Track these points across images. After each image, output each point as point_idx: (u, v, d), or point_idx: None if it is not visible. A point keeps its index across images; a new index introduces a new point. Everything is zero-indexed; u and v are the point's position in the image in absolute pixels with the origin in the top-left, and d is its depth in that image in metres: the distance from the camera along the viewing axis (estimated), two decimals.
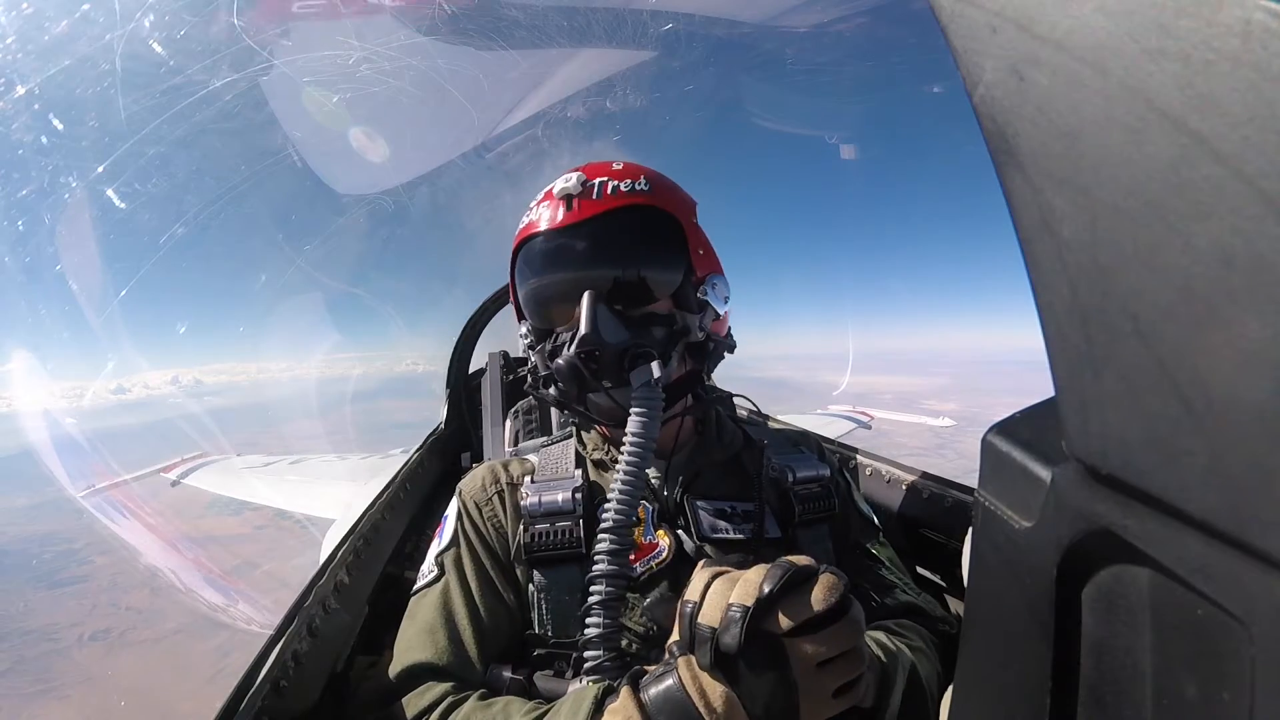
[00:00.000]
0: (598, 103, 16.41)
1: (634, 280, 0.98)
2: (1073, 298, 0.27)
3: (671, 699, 0.66)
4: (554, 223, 1.00)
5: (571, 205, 0.99)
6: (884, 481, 1.61)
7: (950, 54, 0.30)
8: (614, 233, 0.99)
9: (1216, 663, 0.24)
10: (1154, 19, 0.22)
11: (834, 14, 18.77)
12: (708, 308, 1.04)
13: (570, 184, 0.99)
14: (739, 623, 0.63)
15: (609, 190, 0.99)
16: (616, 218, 0.99)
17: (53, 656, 14.58)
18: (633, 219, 1.00)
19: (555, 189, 1.01)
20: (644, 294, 0.99)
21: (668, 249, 1.02)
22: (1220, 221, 0.21)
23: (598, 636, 0.82)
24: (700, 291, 1.03)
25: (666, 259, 1.01)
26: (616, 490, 0.86)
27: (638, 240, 1.00)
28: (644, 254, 1.00)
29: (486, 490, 1.07)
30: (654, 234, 1.01)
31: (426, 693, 0.86)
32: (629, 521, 0.85)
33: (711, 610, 0.66)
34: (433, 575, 1.00)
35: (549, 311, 1.04)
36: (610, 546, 0.83)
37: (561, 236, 1.00)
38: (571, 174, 1.01)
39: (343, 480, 8.26)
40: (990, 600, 0.35)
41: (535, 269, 1.04)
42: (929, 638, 0.97)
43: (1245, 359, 0.21)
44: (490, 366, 2.48)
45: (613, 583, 0.82)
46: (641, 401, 0.90)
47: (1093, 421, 0.27)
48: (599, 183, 1.00)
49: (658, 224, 1.02)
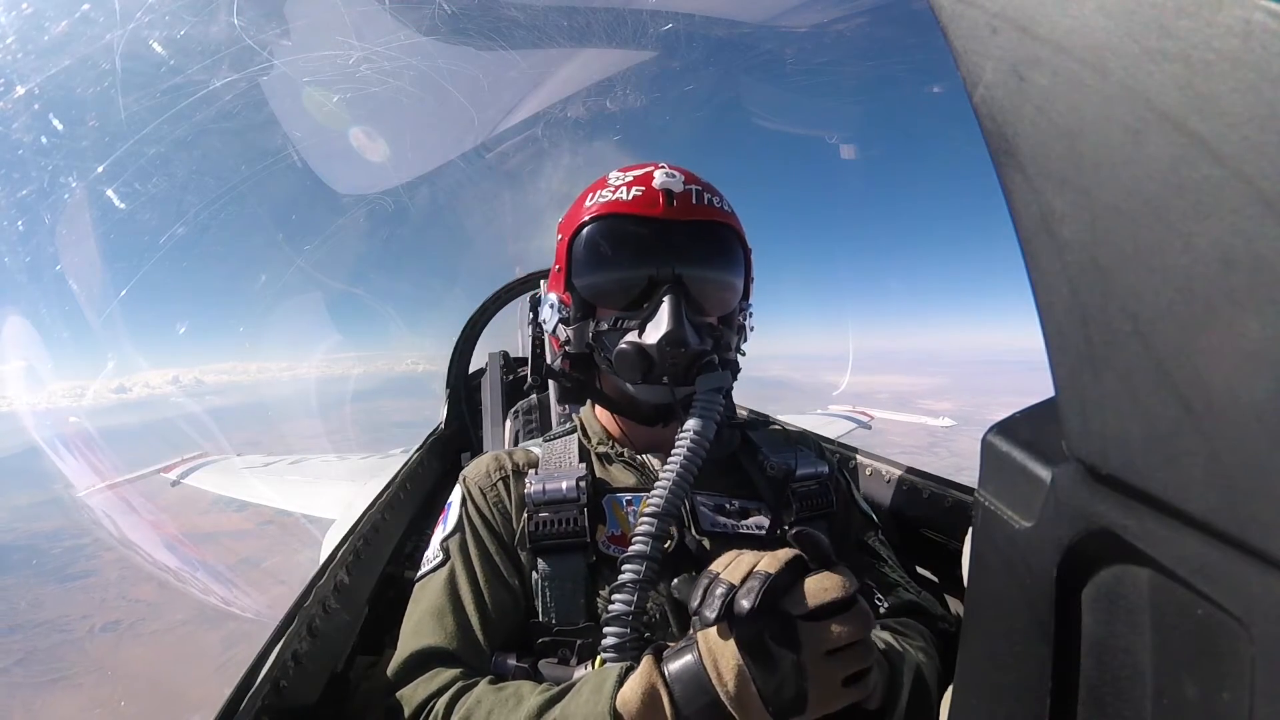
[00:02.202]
0: (598, 103, 16.40)
1: (708, 291, 1.04)
2: (1073, 298, 0.27)
3: (689, 670, 0.68)
4: (653, 210, 1.02)
5: (673, 201, 1.02)
6: (884, 481, 1.61)
7: (950, 54, 0.30)
8: (707, 242, 1.04)
9: (1216, 663, 0.24)
10: (1154, 19, 0.22)
11: (834, 14, 18.77)
12: (744, 331, 1.13)
13: (674, 181, 1.03)
14: (758, 587, 0.64)
15: (706, 200, 1.05)
16: (715, 229, 1.05)
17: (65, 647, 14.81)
18: (722, 234, 1.07)
19: (655, 179, 1.03)
20: (709, 305, 1.04)
21: (738, 272, 1.09)
22: (1220, 222, 0.21)
23: (623, 614, 0.83)
24: (743, 315, 1.12)
25: (735, 281, 1.09)
26: (670, 480, 0.89)
27: (723, 255, 1.06)
28: (723, 270, 1.06)
29: (491, 476, 1.08)
30: (733, 254, 1.08)
31: (435, 678, 0.87)
32: (675, 510, 0.88)
33: (734, 571, 0.68)
34: (438, 560, 1.00)
35: (615, 293, 1.04)
36: (652, 529, 0.86)
37: (658, 227, 1.02)
38: (672, 169, 1.05)
39: (343, 480, 8.26)
40: (990, 600, 0.35)
41: (618, 248, 1.04)
42: (930, 637, 0.97)
43: (1245, 359, 0.21)
44: (490, 366, 2.48)
45: (650, 566, 0.84)
46: (704, 403, 0.94)
47: (1093, 421, 0.27)
48: (697, 190, 1.04)
49: (736, 246, 1.09)
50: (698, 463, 0.91)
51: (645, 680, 0.69)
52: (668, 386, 0.99)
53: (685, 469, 0.89)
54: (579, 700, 0.75)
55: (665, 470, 0.90)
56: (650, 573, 0.84)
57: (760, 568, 0.67)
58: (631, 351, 0.98)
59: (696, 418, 0.93)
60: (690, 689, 0.67)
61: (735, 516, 1.03)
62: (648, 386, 1.02)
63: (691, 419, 0.93)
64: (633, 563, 0.85)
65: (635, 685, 0.70)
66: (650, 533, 0.85)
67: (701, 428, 0.92)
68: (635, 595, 0.83)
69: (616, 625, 0.83)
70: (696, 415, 0.93)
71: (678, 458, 0.90)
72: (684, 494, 0.89)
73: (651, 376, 0.99)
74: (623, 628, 0.83)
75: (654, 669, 0.70)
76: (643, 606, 0.84)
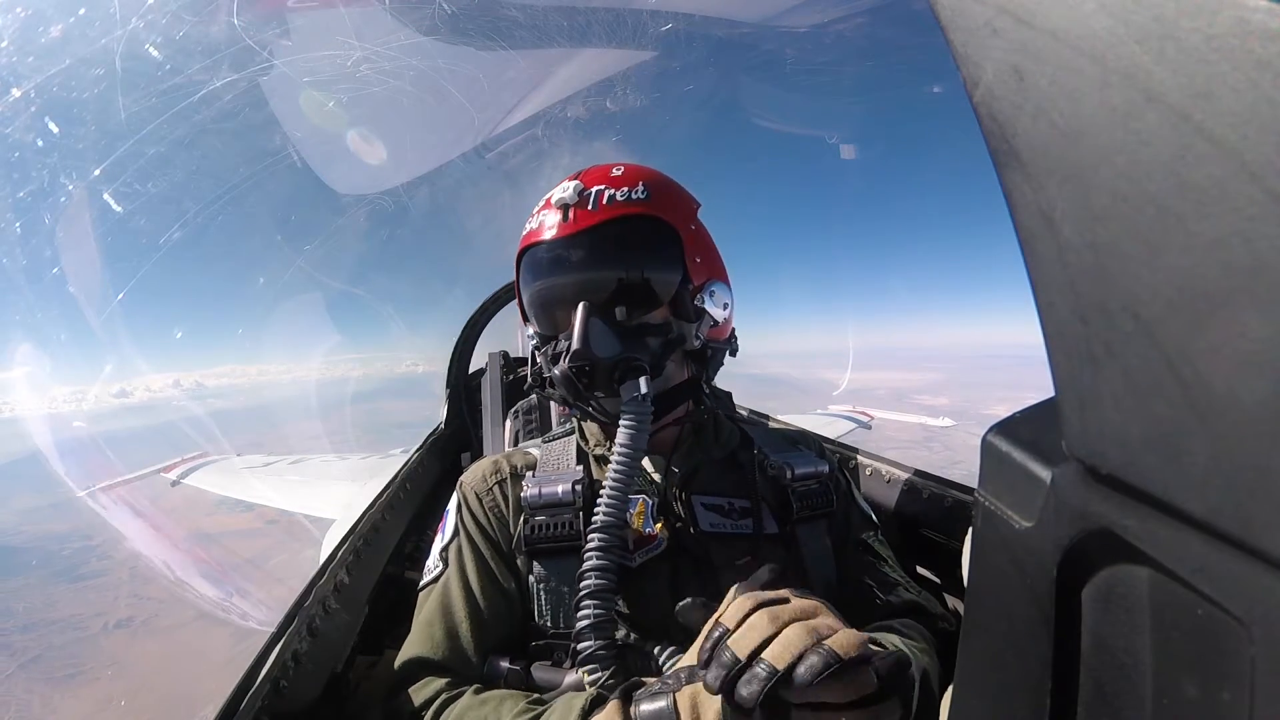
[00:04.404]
0: (598, 103, 16.41)
1: (628, 290, 0.99)
2: (1073, 297, 0.27)
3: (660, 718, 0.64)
4: (553, 231, 1.02)
5: (568, 215, 1.00)
6: (884, 481, 1.61)
7: (950, 54, 0.30)
8: (608, 244, 1.00)
9: (1216, 663, 0.24)
10: (1155, 16, 0.22)
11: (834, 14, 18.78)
12: (705, 315, 1.05)
13: (567, 193, 1.01)
14: (762, 683, 0.57)
15: (604, 200, 1.00)
16: (611, 228, 0.99)
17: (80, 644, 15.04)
18: (627, 229, 1.00)
19: (553, 198, 1.03)
20: (639, 303, 1.00)
21: (663, 258, 1.02)
22: (1222, 220, 0.21)
23: (589, 626, 0.83)
24: (698, 300, 1.04)
25: (662, 268, 1.02)
26: (605, 494, 0.90)
27: (632, 251, 1.01)
28: (638, 264, 1.00)
29: (487, 481, 1.08)
30: (649, 244, 1.02)
31: (424, 688, 0.88)
32: (616, 522, 0.88)
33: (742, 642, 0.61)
34: (437, 570, 1.02)
35: (550, 318, 1.06)
36: (599, 543, 0.86)
37: (558, 247, 1.02)
38: (569, 182, 1.03)
39: (343, 480, 8.25)
40: (991, 600, 0.35)
41: (535, 277, 1.06)
42: (930, 637, 0.97)
43: (1246, 358, 0.21)
44: (490, 366, 2.48)
45: (602, 575, 0.85)
46: (630, 414, 0.93)
47: (1093, 421, 0.27)
48: (595, 192, 1.01)
49: (653, 233, 1.02)
50: (631, 474, 0.91)
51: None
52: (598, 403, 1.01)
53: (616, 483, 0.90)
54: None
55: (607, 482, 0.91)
56: (608, 581, 0.85)
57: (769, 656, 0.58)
58: (559, 376, 1.00)
59: (624, 429, 0.93)
60: None
61: (733, 516, 1.03)
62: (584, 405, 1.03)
63: (620, 431, 0.93)
64: (587, 576, 0.85)
65: None
66: (597, 546, 0.86)
67: (628, 439, 0.92)
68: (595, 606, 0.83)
69: (582, 640, 0.83)
70: (624, 426, 0.93)
71: (609, 472, 0.91)
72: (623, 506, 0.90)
73: (581, 395, 1.00)
74: (590, 640, 0.83)
75: (619, 715, 0.67)
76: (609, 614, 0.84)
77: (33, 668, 13.89)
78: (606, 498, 0.89)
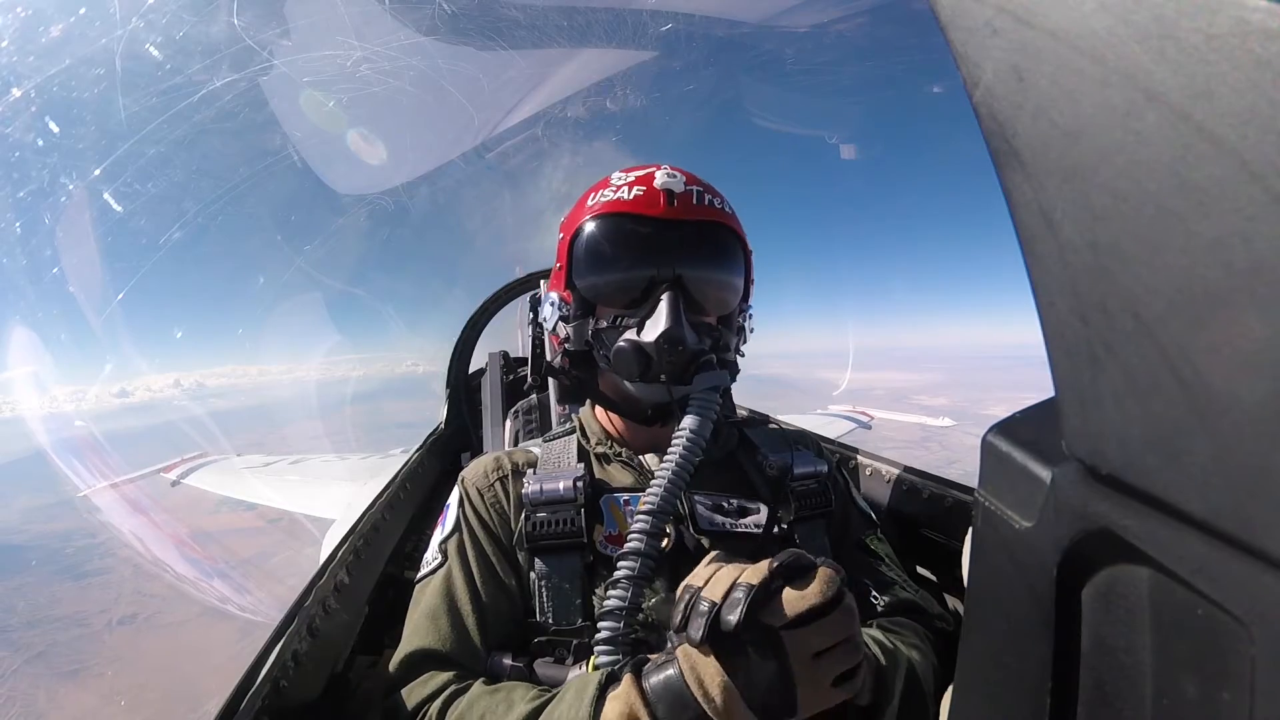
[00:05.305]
0: (598, 103, 16.41)
1: (707, 291, 1.04)
2: (1073, 297, 0.27)
3: (671, 688, 0.67)
4: (653, 210, 1.02)
5: (674, 201, 1.02)
6: (883, 481, 1.61)
7: (950, 54, 0.30)
8: (708, 242, 1.05)
9: (1216, 663, 0.24)
10: (1155, 16, 0.22)
11: (834, 14, 18.77)
12: (744, 333, 1.13)
13: (675, 181, 1.03)
14: (742, 601, 0.64)
15: (707, 201, 1.05)
16: (712, 231, 1.05)
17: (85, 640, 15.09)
18: (722, 235, 1.07)
19: (656, 180, 1.03)
20: (709, 306, 1.04)
21: (737, 273, 1.09)
22: (1222, 220, 0.21)
23: (617, 609, 0.83)
24: (742, 317, 1.13)
25: (735, 282, 1.09)
26: (666, 477, 0.89)
27: (722, 256, 1.07)
28: (723, 270, 1.06)
29: (489, 476, 1.08)
30: (733, 255, 1.08)
31: (429, 681, 0.87)
32: (669, 508, 0.88)
33: (715, 587, 0.68)
34: (436, 563, 1.01)
35: (615, 291, 1.05)
36: (647, 527, 0.86)
37: (659, 227, 1.02)
38: (674, 170, 1.05)
39: (343, 480, 8.25)
40: (991, 600, 0.35)
41: (618, 247, 1.04)
42: (925, 635, 0.98)
43: (1246, 358, 0.21)
44: (490, 366, 2.48)
45: (646, 562, 0.85)
46: (701, 402, 0.94)
47: (1093, 421, 0.27)
48: (698, 190, 1.04)
49: (737, 248, 1.09)
50: (694, 461, 0.91)
51: (625, 701, 0.69)
52: (665, 385, 0.99)
53: (681, 467, 0.89)
54: (561, 707, 0.75)
55: (661, 468, 0.90)
56: (646, 569, 0.84)
57: (743, 579, 0.66)
58: (629, 349, 0.98)
59: (693, 415, 0.93)
60: (673, 706, 0.67)
61: (733, 515, 1.03)
62: (645, 385, 1.02)
63: (688, 417, 0.93)
64: (628, 559, 0.85)
65: (616, 706, 0.70)
66: (646, 530, 0.86)
67: (698, 426, 0.92)
68: (630, 591, 0.84)
69: (610, 620, 0.83)
70: (693, 413, 0.93)
71: (674, 456, 0.90)
72: (680, 491, 0.89)
73: (649, 375, 0.99)
74: (616, 622, 0.83)
75: (634, 687, 0.70)
76: (638, 603, 0.84)
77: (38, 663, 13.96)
78: (664, 482, 0.88)
